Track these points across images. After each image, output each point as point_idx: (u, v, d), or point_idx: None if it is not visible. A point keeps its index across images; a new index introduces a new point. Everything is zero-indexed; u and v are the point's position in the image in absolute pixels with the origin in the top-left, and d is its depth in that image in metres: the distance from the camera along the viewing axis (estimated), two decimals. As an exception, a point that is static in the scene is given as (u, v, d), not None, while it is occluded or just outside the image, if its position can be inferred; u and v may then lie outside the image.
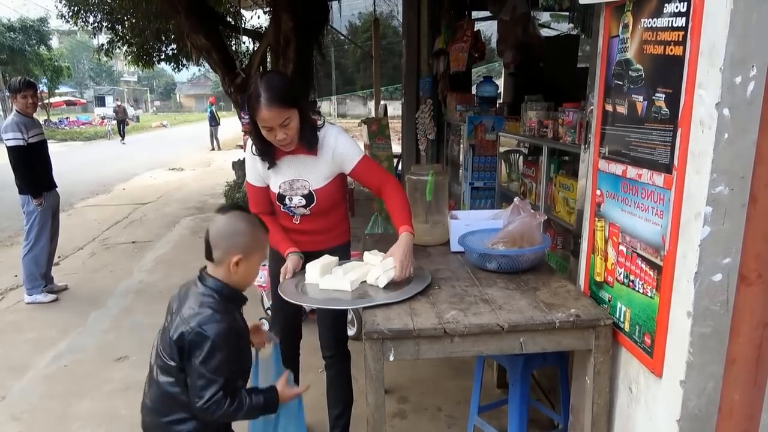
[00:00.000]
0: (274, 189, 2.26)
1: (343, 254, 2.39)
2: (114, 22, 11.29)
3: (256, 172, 2.27)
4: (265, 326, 1.96)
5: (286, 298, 1.98)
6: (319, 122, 2.21)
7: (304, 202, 2.24)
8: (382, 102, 9.49)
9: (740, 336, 1.46)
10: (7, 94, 5.22)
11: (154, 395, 1.67)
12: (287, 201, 2.25)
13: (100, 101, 48.17)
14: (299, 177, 2.22)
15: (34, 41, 25.59)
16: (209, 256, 1.65)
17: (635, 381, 1.73)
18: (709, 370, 1.47)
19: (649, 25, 1.55)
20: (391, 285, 2.00)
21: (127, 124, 24.86)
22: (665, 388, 1.57)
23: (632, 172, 1.67)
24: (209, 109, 19.60)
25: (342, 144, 2.21)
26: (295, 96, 2.07)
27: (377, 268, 2.03)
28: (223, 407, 1.56)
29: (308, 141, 2.15)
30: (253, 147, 2.20)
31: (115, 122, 23.74)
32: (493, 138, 4.24)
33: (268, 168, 2.23)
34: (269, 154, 2.19)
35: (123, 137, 22.75)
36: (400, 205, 2.18)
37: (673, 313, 1.51)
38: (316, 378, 3.03)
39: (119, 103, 25.85)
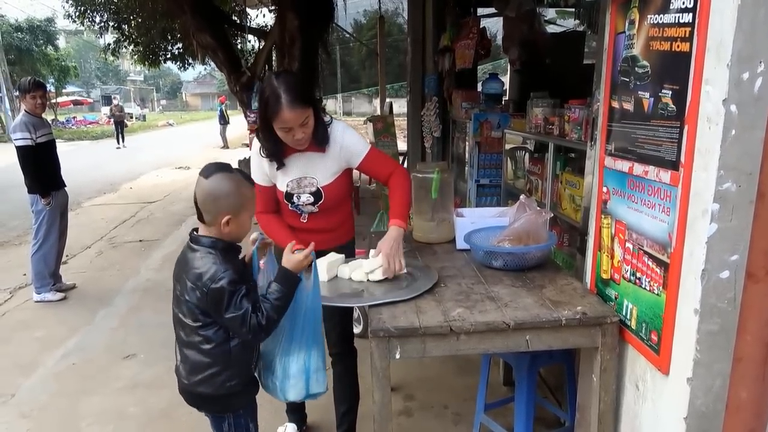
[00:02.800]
0: (282, 188, 2.26)
1: (349, 251, 2.40)
2: (120, 22, 11.34)
3: (262, 171, 2.26)
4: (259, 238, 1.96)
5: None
6: (326, 118, 2.22)
7: (312, 199, 2.24)
8: (388, 100, 9.49)
9: (748, 333, 1.45)
10: (16, 94, 5.25)
11: (187, 357, 1.76)
12: (295, 199, 2.25)
13: (107, 101, 48.29)
14: (307, 174, 2.22)
15: (41, 41, 25.73)
16: (201, 218, 1.73)
17: (642, 378, 1.73)
18: (717, 368, 1.46)
19: (655, 21, 1.54)
20: (389, 281, 2.03)
21: (126, 126, 22.07)
22: (672, 386, 1.56)
23: (639, 169, 1.66)
24: (219, 108, 19.70)
25: (349, 139, 2.21)
26: (310, 95, 2.09)
27: (367, 263, 2.08)
28: (262, 324, 1.66)
29: (320, 138, 2.16)
30: (261, 149, 2.20)
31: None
32: (499, 135, 4.22)
33: (277, 168, 2.24)
34: (278, 154, 2.19)
35: (122, 140, 19.77)
36: (398, 198, 2.20)
37: (680, 311, 1.51)
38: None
39: (117, 102, 22.10)
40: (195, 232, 1.77)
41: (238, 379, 1.77)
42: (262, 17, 11.93)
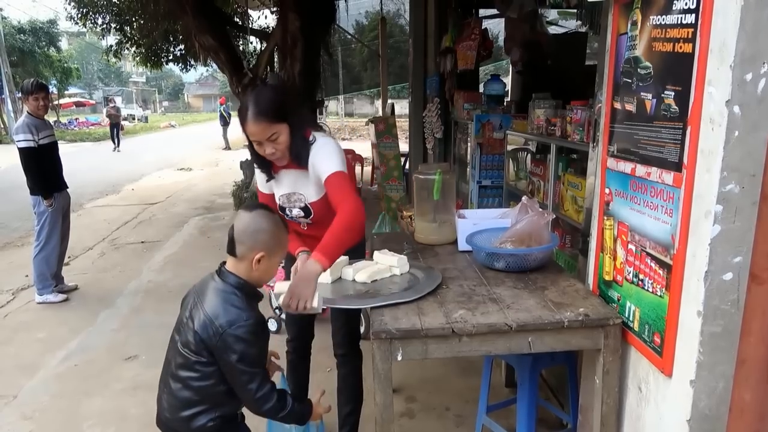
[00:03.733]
0: (276, 200, 2.29)
1: (358, 253, 2.39)
2: (122, 24, 11.37)
3: (262, 180, 2.29)
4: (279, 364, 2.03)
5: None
6: (311, 138, 2.14)
7: (302, 214, 2.26)
8: (389, 101, 9.49)
9: (751, 335, 1.44)
10: (19, 95, 5.27)
11: (174, 391, 1.69)
12: (288, 212, 2.27)
13: (108, 102, 48.56)
14: (295, 191, 2.22)
15: (43, 43, 25.80)
16: (232, 251, 1.67)
17: (645, 380, 1.72)
18: (720, 370, 1.46)
19: (658, 23, 1.54)
20: (393, 282, 2.05)
21: (122, 129, 20.94)
22: (675, 388, 1.56)
23: (641, 170, 1.66)
24: (219, 109, 19.74)
25: (319, 157, 2.10)
26: (284, 110, 2.02)
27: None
28: (271, 401, 1.65)
29: (297, 156, 2.10)
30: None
31: (125, 122, 22.99)
32: (501, 136, 4.22)
33: (267, 180, 2.25)
34: (266, 166, 2.19)
35: (117, 144, 18.97)
36: (330, 231, 1.93)
37: (683, 313, 1.50)
38: (325, 377, 3.04)
39: (113, 104, 20.55)
40: (223, 266, 1.71)
41: (221, 419, 1.71)
42: (264, 19, 11.95)
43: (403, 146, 7.55)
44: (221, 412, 1.70)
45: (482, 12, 5.97)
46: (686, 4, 1.41)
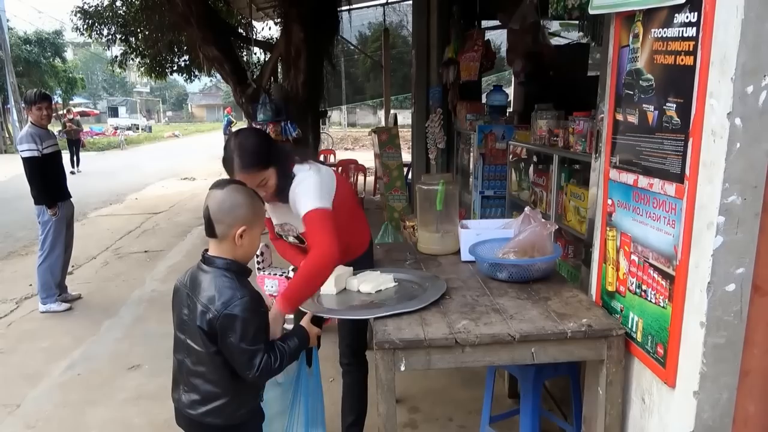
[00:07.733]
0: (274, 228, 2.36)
1: (366, 262, 2.42)
2: (127, 35, 11.47)
3: None
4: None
5: (302, 308, 2.00)
6: (292, 173, 2.13)
7: (298, 242, 2.31)
8: (392, 111, 9.53)
9: (754, 346, 1.44)
10: (23, 105, 5.31)
11: (196, 386, 1.70)
12: (284, 239, 2.35)
13: (114, 112, 48.92)
14: (286, 221, 2.28)
15: (49, 53, 26.01)
16: (212, 233, 1.67)
17: (648, 392, 1.72)
18: (723, 381, 1.45)
19: (659, 35, 1.55)
20: (405, 293, 2.06)
21: (83, 146, 17.17)
22: (678, 399, 1.56)
23: (644, 181, 1.67)
24: (227, 118, 19.76)
25: (296, 195, 2.09)
26: (269, 155, 2.03)
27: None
28: (271, 367, 1.65)
29: (281, 194, 2.12)
30: None
31: (129, 132, 22.43)
32: (504, 147, 4.24)
33: None
34: None
35: (77, 163, 15.04)
36: (296, 277, 1.98)
37: (686, 324, 1.50)
38: (327, 387, 3.03)
39: (72, 116, 15.94)
40: (206, 253, 1.72)
41: (246, 409, 1.74)
42: (268, 30, 12.06)
43: (406, 156, 7.58)
44: (244, 400, 1.72)
45: (485, 23, 6.01)
46: (687, 17, 1.43)
